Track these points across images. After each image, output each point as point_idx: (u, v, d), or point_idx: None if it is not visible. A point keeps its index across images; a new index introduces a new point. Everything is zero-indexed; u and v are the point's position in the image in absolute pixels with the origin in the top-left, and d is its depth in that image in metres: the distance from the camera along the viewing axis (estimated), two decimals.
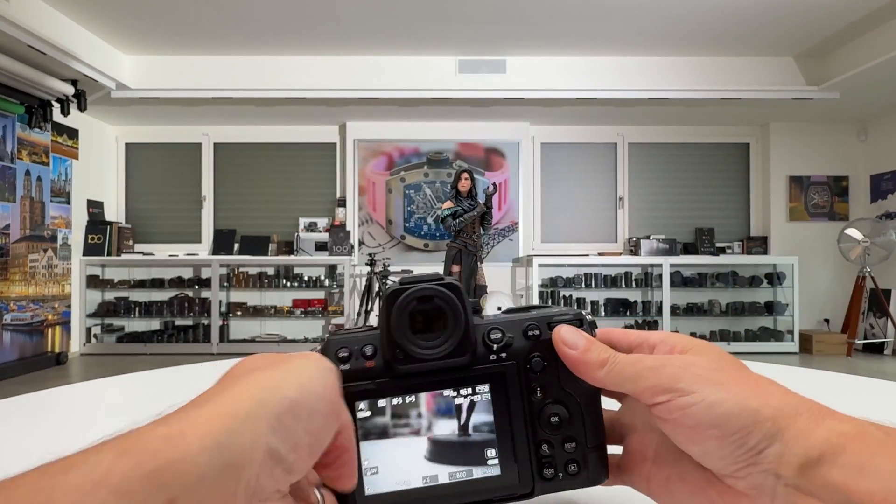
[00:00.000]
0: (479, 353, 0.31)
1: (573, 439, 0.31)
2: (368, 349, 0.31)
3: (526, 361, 0.32)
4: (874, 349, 5.46)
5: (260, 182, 6.02)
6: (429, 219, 5.87)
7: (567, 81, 4.89)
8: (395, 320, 0.30)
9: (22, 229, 4.47)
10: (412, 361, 0.31)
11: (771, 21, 4.20)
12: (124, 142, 6.01)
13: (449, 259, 4.59)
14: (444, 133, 5.87)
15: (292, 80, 4.85)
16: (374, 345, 0.31)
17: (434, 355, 0.31)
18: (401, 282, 0.31)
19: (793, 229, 5.89)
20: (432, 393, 0.31)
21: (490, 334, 0.31)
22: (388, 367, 0.31)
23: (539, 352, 0.32)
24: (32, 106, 4.46)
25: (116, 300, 5.62)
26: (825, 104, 5.17)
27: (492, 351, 0.31)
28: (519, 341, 0.32)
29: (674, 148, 6.06)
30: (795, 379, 0.84)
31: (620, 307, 5.64)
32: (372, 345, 0.31)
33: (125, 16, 4.09)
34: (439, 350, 0.31)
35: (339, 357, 0.31)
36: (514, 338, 0.32)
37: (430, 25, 4.29)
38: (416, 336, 0.31)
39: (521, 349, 0.32)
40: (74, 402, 0.68)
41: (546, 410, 0.31)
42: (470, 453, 0.31)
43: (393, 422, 0.31)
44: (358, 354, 0.31)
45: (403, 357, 0.31)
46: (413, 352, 0.30)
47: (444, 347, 0.31)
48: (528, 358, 0.32)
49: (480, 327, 0.32)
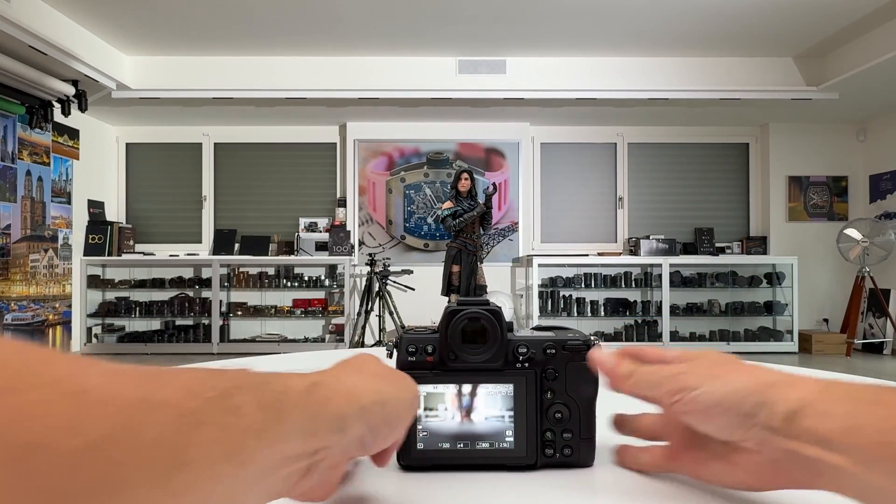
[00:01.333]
0: (509, 361, 0.42)
1: (570, 431, 0.43)
2: (429, 348, 0.42)
3: (542, 371, 0.43)
4: (873, 349, 5.46)
5: (260, 182, 6.02)
6: (429, 219, 5.87)
7: (567, 81, 4.90)
8: (450, 332, 0.42)
9: (23, 229, 4.47)
10: (460, 362, 0.42)
11: (770, 21, 4.20)
12: (125, 142, 6.02)
13: (449, 259, 4.60)
14: (444, 133, 5.87)
15: (292, 80, 4.86)
16: (434, 345, 0.42)
17: (476, 360, 0.42)
18: (458, 303, 0.42)
19: (792, 229, 5.90)
20: (472, 385, 0.42)
21: (518, 348, 0.42)
22: (443, 363, 0.42)
23: (552, 365, 0.43)
24: (33, 106, 4.46)
25: (117, 300, 5.62)
26: (824, 104, 5.18)
27: (518, 361, 0.42)
28: (539, 356, 0.42)
29: (673, 148, 6.06)
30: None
31: (620, 307, 5.64)
32: (432, 345, 0.42)
33: (126, 16, 4.10)
34: (480, 357, 0.42)
35: (409, 351, 0.42)
36: (535, 353, 0.42)
37: (430, 25, 4.30)
38: (465, 345, 0.42)
39: (540, 362, 0.43)
40: None
41: (553, 408, 0.42)
42: (494, 431, 0.42)
43: (442, 403, 0.42)
44: (422, 351, 0.42)
45: (454, 358, 0.42)
46: (462, 356, 0.42)
47: (484, 356, 0.42)
48: (545, 369, 0.43)
49: (513, 342, 0.42)
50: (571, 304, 5.62)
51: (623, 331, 5.69)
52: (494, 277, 5.56)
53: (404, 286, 5.56)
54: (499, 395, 0.42)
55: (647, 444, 0.42)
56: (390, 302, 5.22)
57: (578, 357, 0.42)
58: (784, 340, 5.55)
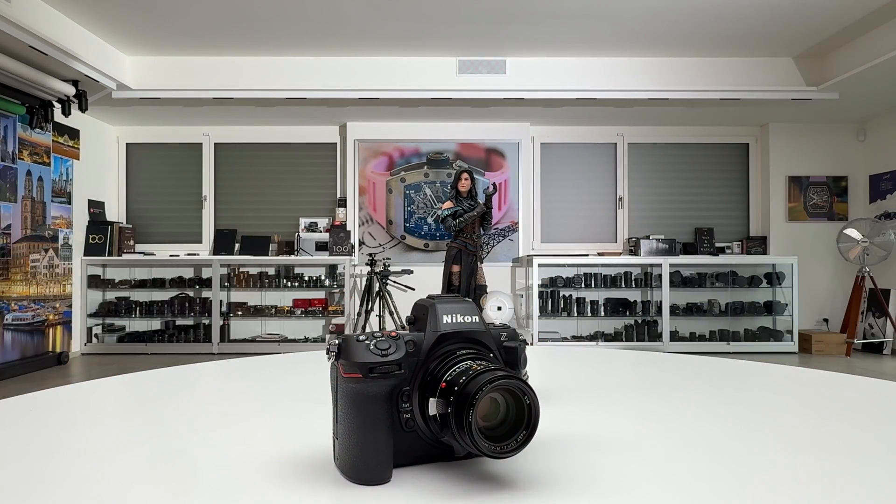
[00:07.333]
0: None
1: None
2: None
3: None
4: (873, 349, 5.46)
5: (260, 182, 6.03)
6: (429, 219, 5.87)
7: (567, 81, 4.90)
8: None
9: (23, 229, 4.48)
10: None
11: (770, 21, 4.20)
12: (125, 142, 6.02)
13: (449, 259, 4.60)
14: (444, 133, 5.87)
15: (292, 80, 4.86)
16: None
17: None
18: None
19: (792, 229, 5.90)
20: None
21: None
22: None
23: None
24: (33, 106, 4.47)
25: (117, 300, 5.63)
26: (824, 104, 5.18)
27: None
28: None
29: (673, 148, 6.06)
30: (795, 379, 0.84)
31: (620, 307, 5.64)
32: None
33: (126, 16, 4.10)
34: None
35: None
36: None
37: (430, 25, 4.30)
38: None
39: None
40: (75, 402, 0.69)
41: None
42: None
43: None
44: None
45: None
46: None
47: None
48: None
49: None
50: (571, 304, 5.62)
51: (623, 331, 5.69)
52: (494, 277, 5.56)
53: (404, 286, 5.57)
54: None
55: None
56: (390, 302, 5.23)
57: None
58: (784, 340, 5.55)
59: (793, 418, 0.60)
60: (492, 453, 0.37)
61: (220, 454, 0.48)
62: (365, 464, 0.41)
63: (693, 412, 0.63)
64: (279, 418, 0.60)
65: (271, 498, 0.39)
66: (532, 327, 5.47)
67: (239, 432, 0.55)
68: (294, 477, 0.43)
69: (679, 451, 0.49)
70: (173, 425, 0.58)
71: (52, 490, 0.41)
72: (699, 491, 0.40)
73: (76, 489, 0.41)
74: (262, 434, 0.54)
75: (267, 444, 0.51)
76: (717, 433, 0.54)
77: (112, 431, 0.56)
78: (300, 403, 0.67)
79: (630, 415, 0.62)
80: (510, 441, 0.37)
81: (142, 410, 0.65)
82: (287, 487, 0.41)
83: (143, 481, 0.42)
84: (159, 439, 0.53)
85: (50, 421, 0.60)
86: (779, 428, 0.57)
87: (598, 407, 0.65)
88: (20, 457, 0.48)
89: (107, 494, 0.40)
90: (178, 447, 0.51)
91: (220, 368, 0.92)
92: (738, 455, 0.48)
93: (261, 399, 0.70)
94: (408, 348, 0.43)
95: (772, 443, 0.51)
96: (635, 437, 0.53)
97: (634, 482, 0.41)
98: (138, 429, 0.57)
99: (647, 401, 0.68)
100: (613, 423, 0.58)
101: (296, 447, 0.50)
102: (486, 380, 0.37)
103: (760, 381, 0.82)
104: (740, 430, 0.55)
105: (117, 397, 0.73)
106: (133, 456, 0.48)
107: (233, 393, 0.74)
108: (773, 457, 0.47)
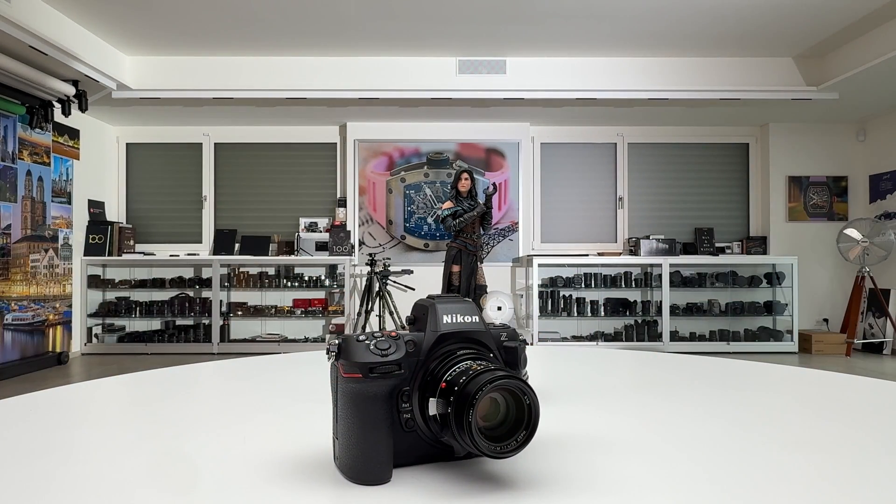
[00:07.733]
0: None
1: None
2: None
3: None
4: (873, 349, 5.46)
5: (260, 182, 6.03)
6: (429, 219, 5.87)
7: (567, 81, 4.90)
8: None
9: (23, 229, 4.47)
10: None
11: (770, 21, 4.20)
12: (125, 142, 6.02)
13: (449, 259, 4.60)
14: (444, 133, 5.87)
15: (292, 80, 4.86)
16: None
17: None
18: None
19: (792, 229, 5.90)
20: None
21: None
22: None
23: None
24: (33, 106, 4.47)
25: (117, 300, 5.63)
26: (824, 104, 5.18)
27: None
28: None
29: (673, 148, 6.06)
30: (795, 379, 0.84)
31: (620, 307, 5.64)
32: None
33: (126, 16, 4.10)
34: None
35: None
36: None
37: (430, 25, 4.30)
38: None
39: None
40: (75, 402, 0.69)
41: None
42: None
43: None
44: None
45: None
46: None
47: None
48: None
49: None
50: (571, 304, 5.62)
51: (623, 331, 5.69)
52: (494, 277, 5.56)
53: (404, 286, 5.57)
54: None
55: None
56: (390, 302, 5.23)
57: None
58: (784, 340, 5.55)
59: (792, 418, 0.61)
60: (492, 453, 0.37)
61: (220, 454, 0.48)
62: (365, 464, 0.41)
63: (693, 412, 0.63)
64: (279, 418, 0.60)
65: (271, 498, 0.39)
66: (532, 327, 5.47)
67: (239, 432, 0.55)
68: (294, 477, 0.43)
69: (679, 452, 0.49)
70: (173, 425, 0.58)
71: (52, 490, 0.41)
72: (699, 491, 0.40)
73: (76, 489, 0.41)
74: (262, 434, 0.54)
75: (267, 444, 0.51)
76: (717, 433, 0.54)
77: (112, 431, 0.56)
78: (300, 403, 0.67)
79: (630, 415, 0.62)
80: (510, 441, 0.37)
81: (142, 410, 0.65)
82: (287, 487, 0.41)
83: (144, 481, 0.42)
84: (159, 439, 0.53)
85: (50, 421, 0.60)
86: (778, 428, 0.57)
87: (598, 407, 0.65)
88: (20, 457, 0.48)
89: (107, 494, 0.40)
90: (177, 447, 0.51)
91: (220, 368, 0.92)
92: (737, 455, 0.48)
93: (261, 399, 0.70)
94: (408, 348, 0.43)
95: (771, 443, 0.51)
96: (635, 438, 0.53)
97: (634, 482, 0.41)
98: (138, 429, 0.57)
99: (647, 401, 0.68)
100: (613, 424, 0.58)
101: (296, 447, 0.50)
102: (486, 380, 0.37)
103: (760, 381, 0.82)
104: (740, 431, 0.55)
105: (117, 397, 0.73)
106: (133, 456, 0.48)
107: (233, 393, 0.74)
108: (773, 457, 0.47)
